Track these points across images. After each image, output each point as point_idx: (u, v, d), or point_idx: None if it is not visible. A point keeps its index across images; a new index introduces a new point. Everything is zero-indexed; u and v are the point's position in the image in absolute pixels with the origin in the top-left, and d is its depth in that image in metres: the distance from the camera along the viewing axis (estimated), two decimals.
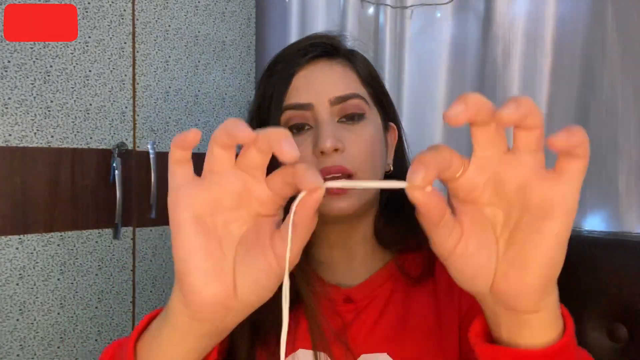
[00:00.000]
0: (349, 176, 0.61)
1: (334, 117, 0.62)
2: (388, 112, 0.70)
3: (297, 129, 0.63)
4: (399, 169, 0.71)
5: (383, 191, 0.68)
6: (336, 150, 0.60)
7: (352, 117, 0.63)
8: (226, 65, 1.46)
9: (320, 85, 0.62)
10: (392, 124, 0.71)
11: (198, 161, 0.38)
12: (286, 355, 0.63)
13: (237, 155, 0.39)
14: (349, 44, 0.70)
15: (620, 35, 0.97)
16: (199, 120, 1.40)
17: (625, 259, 0.83)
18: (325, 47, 0.65)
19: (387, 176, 0.69)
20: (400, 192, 0.70)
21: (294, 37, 1.39)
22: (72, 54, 1.20)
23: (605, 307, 0.83)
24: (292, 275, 0.66)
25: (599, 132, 0.99)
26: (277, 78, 0.64)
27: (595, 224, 1.01)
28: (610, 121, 0.98)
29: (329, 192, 0.60)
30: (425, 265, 0.67)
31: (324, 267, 0.70)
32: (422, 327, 0.64)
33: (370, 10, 1.30)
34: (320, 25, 1.36)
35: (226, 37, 1.46)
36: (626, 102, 0.98)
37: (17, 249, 1.14)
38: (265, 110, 0.64)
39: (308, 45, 0.65)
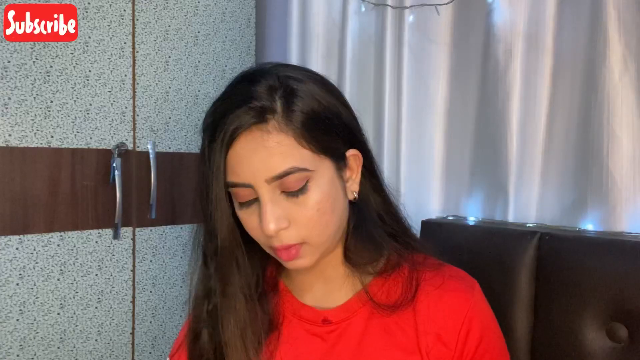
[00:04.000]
0: (300, 245, 0.62)
1: (275, 190, 0.60)
2: (344, 147, 0.65)
3: (245, 202, 0.62)
4: (367, 191, 0.69)
5: (351, 213, 0.68)
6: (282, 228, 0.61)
7: (294, 192, 0.60)
8: (226, 65, 1.46)
9: (253, 165, 0.59)
10: (353, 152, 0.66)
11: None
12: None
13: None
14: (286, 77, 0.62)
15: (620, 35, 0.97)
16: (198, 120, 1.40)
17: (624, 259, 0.83)
18: (255, 115, 0.59)
19: (353, 204, 0.68)
20: (365, 209, 0.70)
21: (294, 37, 1.39)
22: (72, 54, 1.20)
23: (605, 307, 0.83)
24: (265, 302, 0.68)
25: (599, 132, 0.99)
26: (213, 151, 0.61)
27: (595, 224, 1.01)
28: (611, 121, 0.98)
29: (278, 255, 0.63)
30: (405, 289, 0.66)
31: (303, 291, 0.72)
32: (403, 352, 0.65)
33: (371, 10, 1.30)
34: (320, 25, 1.36)
35: (226, 37, 1.46)
36: (626, 102, 0.98)
37: (17, 249, 1.14)
38: (211, 185, 0.63)
39: (238, 114, 0.59)
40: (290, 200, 0.61)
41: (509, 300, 0.92)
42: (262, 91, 0.60)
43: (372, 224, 0.68)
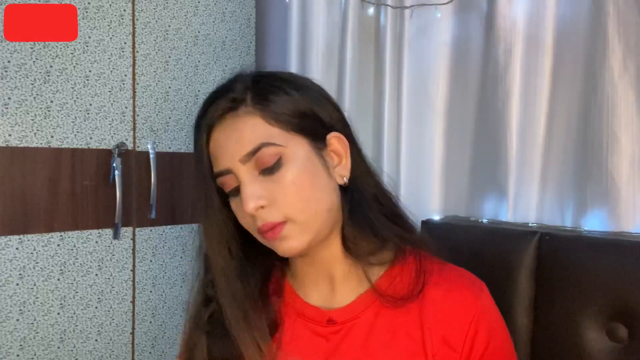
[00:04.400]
0: (283, 223, 0.63)
1: (253, 171, 0.63)
2: (322, 130, 0.67)
3: (232, 190, 0.66)
4: (360, 176, 0.69)
5: (344, 199, 0.68)
6: (262, 207, 0.62)
7: (269, 168, 0.63)
8: (226, 65, 1.46)
9: (228, 148, 0.64)
10: (335, 134, 0.67)
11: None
12: None
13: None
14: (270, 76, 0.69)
15: (620, 35, 0.97)
16: None
17: (624, 259, 0.83)
18: (228, 102, 0.65)
19: (344, 189, 0.68)
20: (358, 192, 0.70)
21: (294, 37, 1.39)
22: (72, 54, 1.20)
23: (605, 307, 0.83)
24: (269, 302, 0.69)
25: (599, 132, 0.99)
26: (198, 143, 0.67)
27: (594, 224, 1.01)
28: (611, 121, 0.98)
29: (265, 237, 0.64)
30: (412, 286, 0.66)
31: (308, 290, 0.71)
32: (408, 354, 0.65)
33: (371, 10, 1.30)
34: (320, 25, 1.36)
35: (226, 37, 1.46)
36: (626, 102, 0.98)
37: (17, 249, 1.14)
38: (203, 180, 0.67)
39: (215, 106, 0.66)
40: (268, 178, 0.63)
41: (509, 300, 0.92)
42: (237, 86, 0.67)
43: (368, 206, 0.68)
